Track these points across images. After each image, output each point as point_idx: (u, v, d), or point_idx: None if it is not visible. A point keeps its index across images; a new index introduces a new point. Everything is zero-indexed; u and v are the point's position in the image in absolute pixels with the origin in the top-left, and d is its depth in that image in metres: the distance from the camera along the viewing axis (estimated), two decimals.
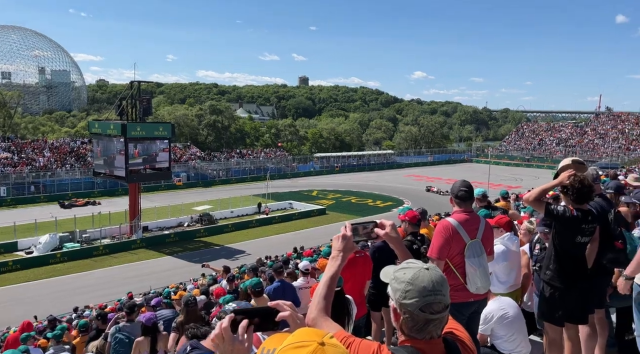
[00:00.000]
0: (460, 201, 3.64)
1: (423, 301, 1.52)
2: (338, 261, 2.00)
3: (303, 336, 1.19)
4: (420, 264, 1.61)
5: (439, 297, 1.53)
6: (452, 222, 3.57)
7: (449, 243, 3.49)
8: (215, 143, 76.02)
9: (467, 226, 3.57)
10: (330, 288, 1.93)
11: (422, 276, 1.55)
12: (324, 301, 1.88)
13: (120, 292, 20.87)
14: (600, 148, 74.90)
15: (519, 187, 40.88)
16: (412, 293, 1.53)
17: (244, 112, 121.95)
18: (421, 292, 1.52)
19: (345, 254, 2.02)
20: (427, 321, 1.54)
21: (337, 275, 1.97)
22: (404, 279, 1.56)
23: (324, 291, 1.91)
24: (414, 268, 1.58)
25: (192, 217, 36.81)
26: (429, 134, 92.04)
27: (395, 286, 1.58)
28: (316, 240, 29.10)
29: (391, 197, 48.42)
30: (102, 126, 34.25)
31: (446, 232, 3.53)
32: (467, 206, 3.66)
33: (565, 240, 3.68)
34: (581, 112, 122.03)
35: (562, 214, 3.58)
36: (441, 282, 1.56)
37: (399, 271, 1.61)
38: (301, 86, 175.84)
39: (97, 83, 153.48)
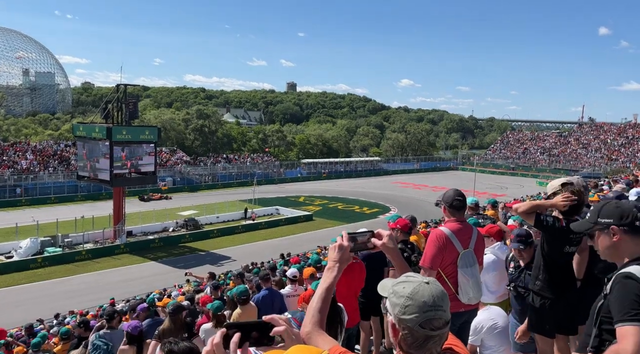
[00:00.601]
0: (454, 210, 3.62)
1: (423, 317, 1.46)
2: (334, 272, 1.94)
3: (297, 353, 1.13)
4: (420, 278, 1.56)
5: (439, 312, 1.48)
6: (445, 231, 3.54)
7: (442, 253, 3.46)
8: (202, 148, 75.56)
9: (460, 235, 3.54)
10: (325, 300, 1.87)
11: (422, 290, 1.49)
12: (318, 315, 1.82)
13: (102, 298, 20.48)
14: (583, 158, 76.16)
15: (504, 196, 41.35)
16: (411, 308, 1.47)
17: (232, 117, 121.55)
18: (421, 307, 1.46)
19: (341, 265, 1.95)
20: (427, 337, 1.48)
21: (332, 287, 1.91)
22: (403, 294, 1.50)
23: (318, 304, 1.85)
24: (414, 282, 1.53)
25: (177, 223, 36.40)
26: (416, 141, 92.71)
27: (394, 301, 1.52)
28: (303, 246, 28.99)
29: (377, 204, 48.54)
30: (87, 129, 33.77)
31: (439, 241, 3.50)
32: (460, 215, 3.64)
33: (554, 250, 3.68)
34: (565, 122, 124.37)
35: (552, 225, 3.58)
36: (442, 297, 1.50)
37: (397, 285, 1.55)
38: (289, 92, 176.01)
39: (83, 86, 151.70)
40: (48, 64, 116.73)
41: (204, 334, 5.53)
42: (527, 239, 4.21)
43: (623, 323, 1.82)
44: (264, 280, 6.67)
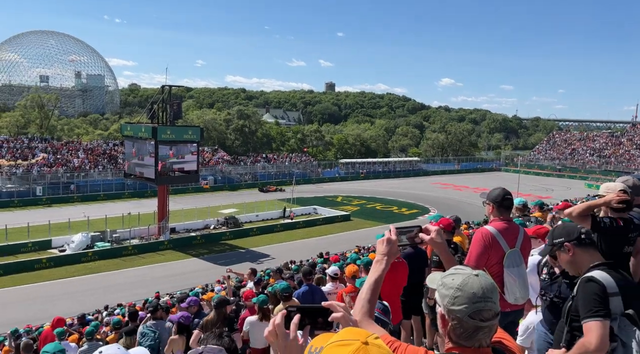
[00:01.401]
0: (503, 209, 3.58)
1: (472, 308, 1.50)
2: (382, 265, 2.00)
3: (348, 334, 1.19)
4: (470, 271, 1.59)
5: (489, 304, 1.51)
6: (491, 230, 3.51)
7: (487, 252, 3.44)
8: (242, 147, 76.91)
9: (507, 234, 3.50)
10: (374, 291, 1.93)
11: (472, 282, 1.53)
12: (368, 305, 1.88)
13: (148, 292, 21.27)
14: (637, 159, 72.34)
15: (550, 198, 39.88)
16: (461, 299, 1.51)
17: (271, 117, 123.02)
18: (471, 298, 1.50)
19: (389, 258, 2.01)
20: (477, 328, 1.52)
21: (381, 279, 1.97)
22: (452, 285, 1.54)
23: (368, 295, 1.91)
24: (463, 274, 1.56)
25: (218, 220, 37.26)
26: (457, 141, 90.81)
27: (444, 292, 1.56)
28: (340, 246, 29.04)
29: (417, 204, 47.92)
30: (134, 128, 35.09)
31: (485, 240, 3.47)
32: (507, 214, 3.60)
33: (614, 251, 3.57)
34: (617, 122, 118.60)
35: (610, 225, 3.48)
36: (491, 289, 1.53)
37: (447, 277, 1.59)
38: (327, 92, 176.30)
39: (130, 87, 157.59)
40: (98, 66, 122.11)
41: (249, 327, 5.69)
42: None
43: (587, 319, 2.17)
44: (306, 277, 6.78)
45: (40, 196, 44.34)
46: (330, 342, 1.19)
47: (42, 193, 44.75)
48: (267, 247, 32.58)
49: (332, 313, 1.39)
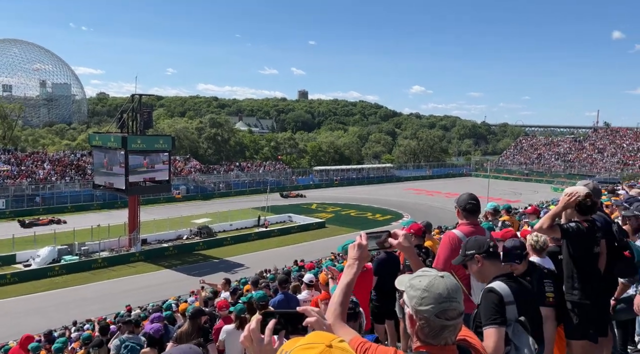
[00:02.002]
0: (467, 213, 3.70)
1: (438, 308, 1.58)
2: (354, 269, 2.07)
3: (314, 338, 1.23)
4: (435, 272, 1.67)
5: (454, 304, 1.59)
6: (457, 234, 3.63)
7: (454, 254, 3.55)
8: (215, 156, 76.22)
9: None
10: (346, 295, 1.99)
11: (438, 283, 1.61)
12: (340, 308, 1.94)
13: (118, 305, 20.72)
14: (599, 163, 75.19)
15: (519, 201, 40.92)
16: (427, 300, 1.59)
17: (244, 125, 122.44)
18: (437, 299, 1.58)
19: (360, 262, 2.08)
20: (443, 327, 1.60)
21: (353, 282, 2.03)
22: (419, 287, 1.62)
23: (340, 298, 1.97)
24: (430, 276, 1.65)
25: (191, 230, 36.74)
26: (428, 148, 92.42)
27: (412, 293, 1.64)
28: (315, 253, 29.05)
29: (390, 210, 48.42)
30: (102, 138, 34.38)
31: (452, 243, 3.59)
32: (473, 218, 3.72)
33: (585, 253, 3.73)
34: (579, 127, 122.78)
35: (576, 229, 3.65)
36: (456, 289, 1.62)
37: (414, 279, 1.67)
38: (300, 100, 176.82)
39: (98, 96, 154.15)
40: (64, 75, 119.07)
41: (225, 335, 5.66)
42: (522, 251, 3.59)
43: (486, 326, 2.41)
44: (281, 285, 6.79)
45: (3, 209, 42.80)
46: (297, 346, 1.23)
47: (5, 206, 43.23)
48: (241, 257, 32.29)
49: (307, 318, 1.44)
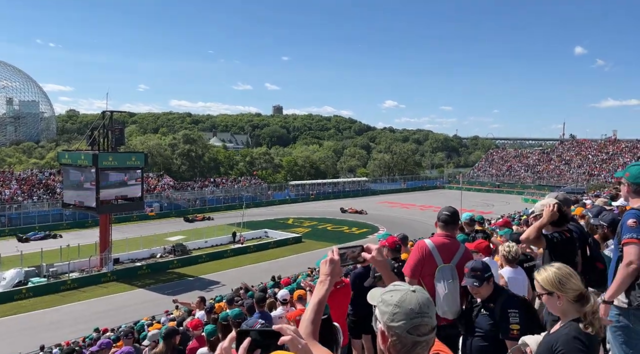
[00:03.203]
0: (442, 223, 3.74)
1: (410, 324, 1.55)
2: (326, 285, 2.04)
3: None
4: (407, 287, 1.65)
5: (425, 319, 1.57)
6: (428, 243, 3.66)
7: (421, 263, 3.58)
8: (189, 172, 75.28)
9: (443, 249, 3.64)
10: (318, 312, 1.96)
11: (409, 298, 1.58)
12: (311, 326, 1.91)
13: (89, 328, 20.00)
14: (566, 174, 77.44)
15: (491, 213, 41.71)
16: (399, 316, 1.56)
17: (218, 141, 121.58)
18: (408, 314, 1.55)
19: (332, 278, 2.06)
20: (415, 343, 1.57)
21: (324, 299, 2.01)
22: (391, 302, 1.59)
23: (311, 316, 1.94)
24: (401, 291, 1.62)
25: (165, 248, 35.94)
26: (402, 161, 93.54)
27: (383, 309, 1.61)
28: (293, 269, 28.78)
29: (366, 224, 48.55)
30: (72, 156, 33.54)
31: (420, 252, 3.62)
32: (449, 230, 3.75)
33: (570, 263, 3.80)
34: (547, 139, 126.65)
35: (562, 240, 3.72)
36: (428, 304, 1.60)
37: (386, 294, 1.64)
38: (275, 115, 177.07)
39: (67, 113, 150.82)
40: (32, 92, 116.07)
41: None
42: (484, 273, 3.39)
43: None
44: (259, 304, 6.68)
45: None
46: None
47: None
48: (217, 274, 31.71)
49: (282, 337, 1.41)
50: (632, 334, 3.20)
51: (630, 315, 3.17)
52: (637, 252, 3.03)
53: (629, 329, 3.20)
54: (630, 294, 3.09)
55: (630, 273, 3.05)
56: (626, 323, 3.20)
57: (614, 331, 3.29)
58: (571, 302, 2.32)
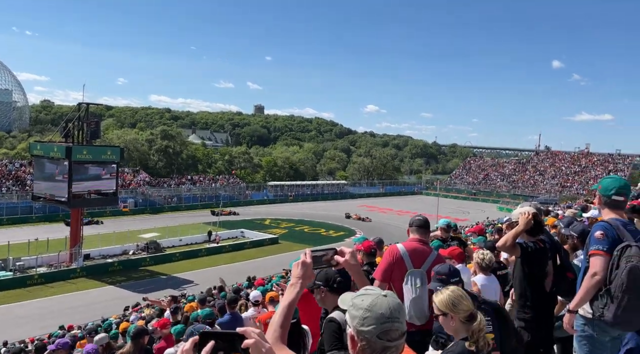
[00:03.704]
0: (414, 228, 3.75)
1: (380, 328, 1.52)
2: (297, 288, 1.99)
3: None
4: (378, 291, 1.63)
5: (396, 324, 1.55)
6: (399, 248, 3.66)
7: (392, 267, 3.57)
8: (166, 169, 74.17)
9: (414, 254, 3.63)
10: (287, 316, 1.91)
11: (380, 303, 1.56)
12: (280, 329, 1.86)
13: (55, 324, 19.46)
14: (540, 184, 79.24)
15: (467, 220, 42.31)
16: (369, 320, 1.53)
17: (197, 138, 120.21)
18: (379, 319, 1.53)
19: (304, 281, 2.01)
20: (384, 348, 1.55)
21: (294, 303, 1.96)
22: (362, 306, 1.57)
23: (280, 320, 1.89)
24: (372, 295, 1.59)
25: (138, 245, 35.28)
26: (381, 166, 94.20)
27: (353, 313, 1.58)
28: (268, 270, 28.61)
29: (344, 227, 48.68)
30: (44, 148, 32.67)
31: (391, 256, 3.62)
32: (420, 234, 3.76)
33: (541, 272, 3.83)
34: (523, 150, 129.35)
35: (536, 249, 3.75)
36: (398, 309, 1.57)
37: (357, 298, 1.61)
38: (256, 114, 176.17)
39: (42, 104, 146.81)
40: (5, 80, 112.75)
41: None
42: (450, 278, 3.27)
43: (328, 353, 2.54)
44: (230, 304, 6.58)
45: None
46: None
47: None
48: (191, 273, 31.29)
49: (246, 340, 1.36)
50: (596, 344, 3.25)
51: (594, 325, 3.22)
52: (602, 264, 3.08)
53: (594, 339, 3.24)
54: (594, 305, 3.14)
55: (594, 284, 3.09)
56: (591, 332, 3.24)
57: (579, 340, 3.34)
58: (462, 322, 2.46)
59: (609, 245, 3.10)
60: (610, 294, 3.01)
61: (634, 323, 3.03)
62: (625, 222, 3.24)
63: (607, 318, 3.04)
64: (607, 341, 3.24)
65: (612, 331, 3.19)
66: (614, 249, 3.08)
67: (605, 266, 3.07)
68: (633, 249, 2.99)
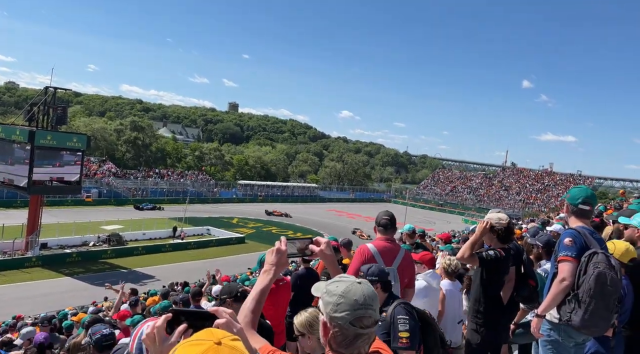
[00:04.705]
0: (382, 228, 3.76)
1: (354, 315, 1.51)
2: (270, 275, 1.96)
3: (203, 334, 1.13)
4: (353, 279, 1.61)
5: (369, 311, 1.53)
6: (370, 247, 3.67)
7: None
8: (134, 161, 72.53)
9: (385, 253, 3.66)
10: (259, 302, 1.88)
11: (355, 289, 1.54)
12: (251, 315, 1.82)
13: (6, 314, 18.65)
14: (505, 199, 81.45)
15: (432, 230, 42.96)
16: (343, 306, 1.51)
17: (168, 132, 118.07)
18: (352, 305, 1.51)
19: (278, 268, 1.98)
20: (357, 335, 1.53)
21: (267, 289, 1.92)
22: (336, 292, 1.55)
23: (252, 305, 1.86)
24: (347, 282, 1.58)
25: (100, 237, 34.30)
26: (352, 171, 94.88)
27: (327, 299, 1.56)
28: (232, 269, 28.23)
29: (311, 230, 48.64)
30: (6, 130, 31.36)
31: (362, 256, 3.63)
32: (388, 234, 3.78)
33: (496, 280, 3.89)
34: (490, 165, 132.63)
35: (495, 258, 3.80)
36: (372, 296, 1.56)
37: (331, 285, 1.59)
38: (230, 112, 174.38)
39: (6, 85, 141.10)
40: None
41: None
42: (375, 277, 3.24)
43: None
44: (194, 297, 6.47)
45: None
46: (185, 341, 1.13)
47: None
48: (153, 268, 30.63)
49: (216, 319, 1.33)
50: (560, 348, 3.33)
51: (560, 330, 3.30)
52: (570, 269, 3.17)
53: (559, 343, 3.32)
54: (561, 310, 3.22)
55: (563, 289, 3.17)
56: (556, 337, 3.32)
57: (544, 345, 3.42)
58: (318, 342, 2.51)
59: (577, 251, 3.18)
60: (578, 299, 3.09)
61: (600, 327, 3.12)
62: (591, 230, 3.35)
63: (575, 322, 3.11)
64: (571, 346, 3.32)
65: (577, 336, 3.28)
66: (581, 255, 3.16)
67: (573, 271, 3.16)
68: (600, 256, 3.09)
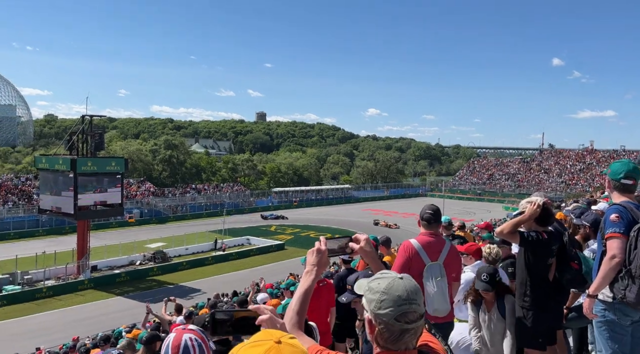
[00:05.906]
0: (425, 222, 3.73)
1: (398, 310, 1.51)
2: (312, 275, 1.99)
3: (262, 335, 1.17)
4: (394, 274, 1.61)
5: (413, 306, 1.53)
6: (413, 243, 3.65)
7: (408, 263, 3.57)
8: (170, 179, 74.48)
9: (429, 248, 3.63)
10: (303, 303, 1.91)
11: (397, 285, 1.54)
12: (297, 316, 1.85)
13: (65, 337, 19.48)
14: (545, 183, 78.87)
15: (473, 221, 42.06)
16: (386, 303, 1.52)
17: (200, 147, 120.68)
18: (396, 301, 1.51)
19: (319, 269, 2.01)
20: (403, 331, 1.53)
21: (311, 290, 1.95)
22: (378, 289, 1.55)
23: (297, 307, 1.89)
24: (388, 278, 1.58)
25: (145, 255, 35.37)
26: (385, 169, 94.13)
27: (370, 297, 1.57)
28: (274, 276, 28.51)
29: (349, 231, 48.50)
30: (49, 161, 32.88)
31: (407, 252, 3.62)
32: (432, 228, 3.74)
33: (540, 264, 3.79)
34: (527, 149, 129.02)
35: (537, 240, 3.70)
36: (415, 291, 1.56)
37: (373, 282, 1.60)
38: (258, 122, 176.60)
39: (45, 118, 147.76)
40: (9, 96, 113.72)
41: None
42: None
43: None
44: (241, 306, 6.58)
45: None
46: (244, 344, 1.16)
47: None
48: (197, 282, 31.31)
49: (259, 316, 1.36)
50: (616, 328, 3.21)
51: (615, 309, 3.19)
52: (619, 245, 3.07)
53: (614, 323, 3.21)
54: (614, 287, 3.12)
55: (613, 267, 3.08)
56: (612, 317, 3.21)
57: (599, 326, 3.30)
58: None
59: (625, 227, 3.09)
60: (631, 275, 3.00)
61: None
62: (637, 204, 3.22)
63: (630, 299, 3.02)
64: (628, 325, 3.20)
65: (634, 313, 3.16)
66: (629, 230, 3.06)
67: (623, 247, 3.06)
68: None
